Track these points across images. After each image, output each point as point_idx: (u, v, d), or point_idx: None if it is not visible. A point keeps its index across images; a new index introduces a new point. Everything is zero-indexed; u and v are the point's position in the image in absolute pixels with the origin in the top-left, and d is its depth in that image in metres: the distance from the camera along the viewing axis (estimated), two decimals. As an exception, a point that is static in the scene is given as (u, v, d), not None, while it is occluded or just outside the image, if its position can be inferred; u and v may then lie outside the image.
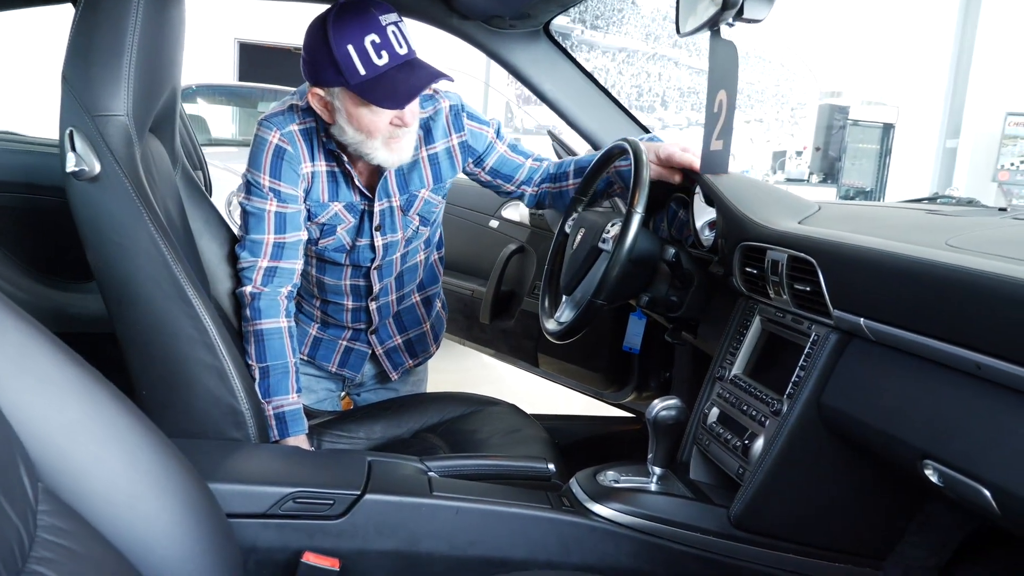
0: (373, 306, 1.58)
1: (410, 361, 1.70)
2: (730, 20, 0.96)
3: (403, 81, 1.25)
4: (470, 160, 1.54)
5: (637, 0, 8.79)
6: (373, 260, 1.51)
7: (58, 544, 0.66)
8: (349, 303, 1.58)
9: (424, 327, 1.71)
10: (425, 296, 1.70)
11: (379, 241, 1.49)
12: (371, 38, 1.23)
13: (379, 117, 1.30)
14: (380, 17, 1.25)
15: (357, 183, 1.43)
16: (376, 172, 1.45)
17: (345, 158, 1.40)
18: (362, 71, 1.24)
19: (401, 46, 1.26)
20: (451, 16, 1.62)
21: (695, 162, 1.36)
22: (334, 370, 1.65)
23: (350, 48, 1.23)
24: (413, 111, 1.34)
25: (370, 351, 1.65)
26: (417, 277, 1.64)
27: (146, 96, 1.17)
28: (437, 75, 1.27)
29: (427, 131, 1.47)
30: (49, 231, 1.80)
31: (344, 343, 1.65)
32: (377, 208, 1.46)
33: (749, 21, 0.97)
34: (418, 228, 1.54)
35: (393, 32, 1.25)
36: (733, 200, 1.30)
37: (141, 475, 0.78)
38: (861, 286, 0.99)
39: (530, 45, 1.67)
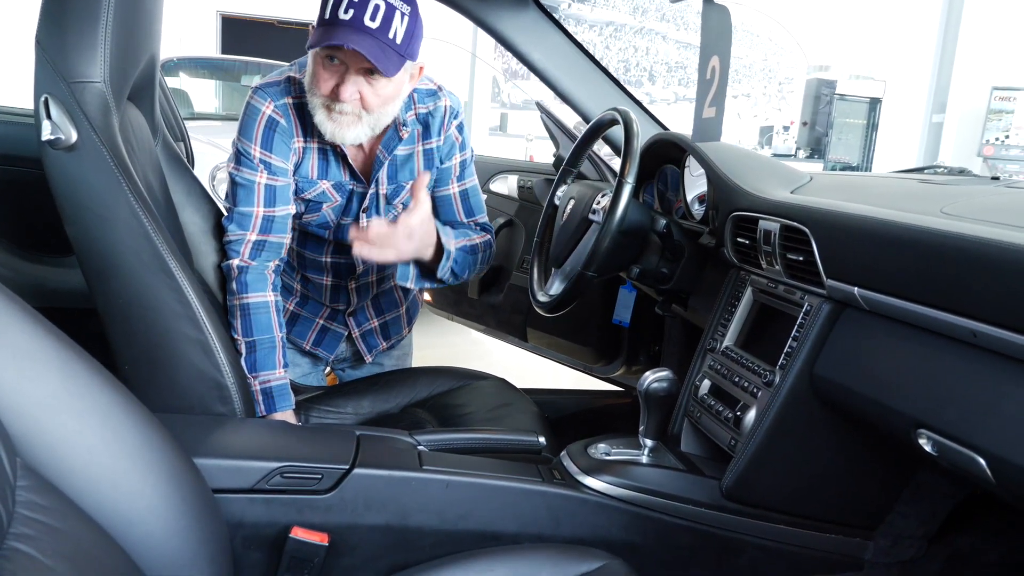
0: (352, 286, 1.56)
1: (383, 343, 1.68)
2: (724, -17, 0.94)
3: (343, 35, 1.21)
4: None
5: (625, -28, 8.70)
6: None
7: (37, 520, 0.64)
8: (328, 280, 1.56)
9: (400, 310, 1.69)
10: None
11: (364, 223, 1.45)
12: None
13: (324, 74, 1.27)
14: None
15: (351, 163, 1.41)
16: (370, 156, 1.42)
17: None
18: (326, 15, 1.23)
19: (373, 20, 1.22)
20: (437, -17, 1.58)
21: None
22: (307, 348, 1.63)
23: None
24: (366, 99, 1.28)
25: (346, 332, 1.63)
26: None
27: (124, 62, 1.13)
28: (381, 61, 1.22)
29: (425, 126, 1.45)
30: (26, 204, 1.76)
31: (321, 321, 1.63)
32: (368, 192, 1.44)
33: (744, -17, 0.95)
34: (399, 215, 1.51)
35: (376, 5, 1.22)
36: (724, 170, 1.28)
37: (123, 450, 0.77)
38: (855, 255, 0.98)
39: (519, 14, 1.64)
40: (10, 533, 0.61)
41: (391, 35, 1.24)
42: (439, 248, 1.42)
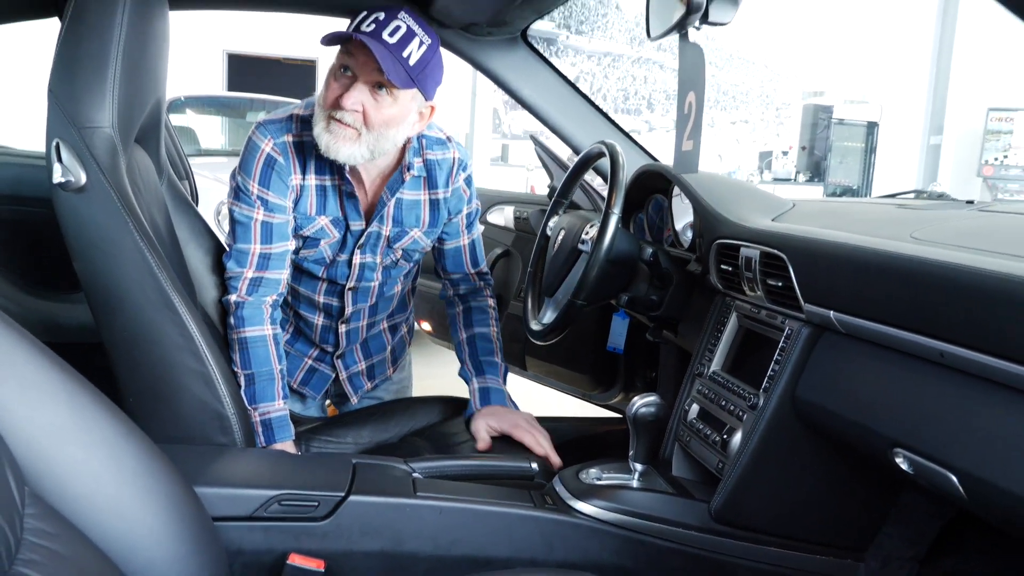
0: (343, 329, 1.58)
1: (368, 384, 1.70)
2: (696, 24, 0.99)
3: (358, 41, 1.24)
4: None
5: (621, 5, 8.84)
6: (348, 278, 1.50)
7: (44, 547, 0.67)
8: (320, 320, 1.58)
9: (385, 353, 1.72)
10: (393, 323, 1.71)
11: (356, 259, 1.47)
12: (377, 15, 1.26)
13: (334, 85, 1.30)
14: (403, 14, 1.27)
15: (356, 199, 1.42)
16: (375, 198, 1.44)
17: (348, 175, 1.39)
18: (351, 29, 1.27)
19: (392, 36, 1.26)
20: (430, 24, 1.64)
21: (534, 447, 1.41)
22: (295, 386, 1.66)
23: (362, 13, 1.28)
24: (367, 110, 1.29)
25: (333, 375, 1.66)
26: (390, 307, 1.65)
27: (131, 107, 1.19)
28: (391, 72, 1.23)
29: (431, 175, 1.46)
30: (37, 242, 1.81)
31: (310, 361, 1.65)
32: (366, 230, 1.45)
33: (715, 24, 0.99)
34: (398, 260, 1.53)
35: (397, 26, 1.26)
36: (708, 199, 1.32)
37: (126, 478, 0.80)
38: (829, 280, 1.01)
39: (508, 52, 1.69)
40: (18, 559, 0.64)
41: (405, 54, 1.26)
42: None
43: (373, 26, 1.26)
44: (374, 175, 1.43)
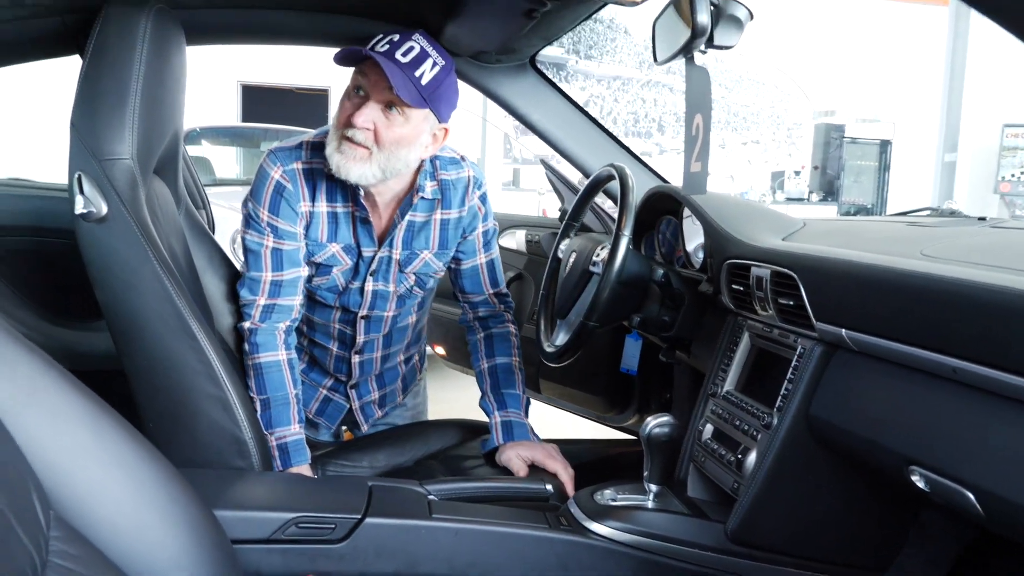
0: (356, 359, 1.59)
1: (379, 412, 1.71)
2: (702, 47, 1.01)
3: (371, 60, 1.26)
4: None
5: (629, 29, 8.92)
6: (360, 306, 1.51)
7: (68, 568, 0.69)
8: (334, 349, 1.59)
9: (397, 383, 1.73)
10: (408, 355, 1.72)
11: (369, 286, 1.48)
12: (392, 37, 1.28)
13: (347, 104, 1.32)
14: (417, 36, 1.29)
15: (371, 224, 1.43)
16: (388, 222, 1.45)
17: (363, 200, 1.39)
18: (366, 50, 1.28)
19: (405, 56, 1.27)
20: (441, 52, 1.67)
21: (559, 471, 1.43)
22: (311, 416, 1.67)
23: (379, 36, 1.30)
24: (379, 128, 1.29)
25: (348, 406, 1.67)
26: (405, 338, 1.65)
27: (150, 140, 1.22)
28: (403, 89, 1.25)
29: (444, 195, 1.46)
30: (58, 273, 1.85)
31: (324, 391, 1.67)
32: (377, 255, 1.46)
33: (720, 47, 1.01)
34: (412, 288, 1.53)
35: (411, 47, 1.28)
36: (718, 219, 1.33)
37: (147, 502, 0.81)
38: (841, 298, 1.02)
39: (517, 78, 1.72)
40: (43, 580, 0.65)
41: (418, 74, 1.28)
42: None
43: (387, 46, 1.28)
44: (388, 198, 1.43)
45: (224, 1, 1.49)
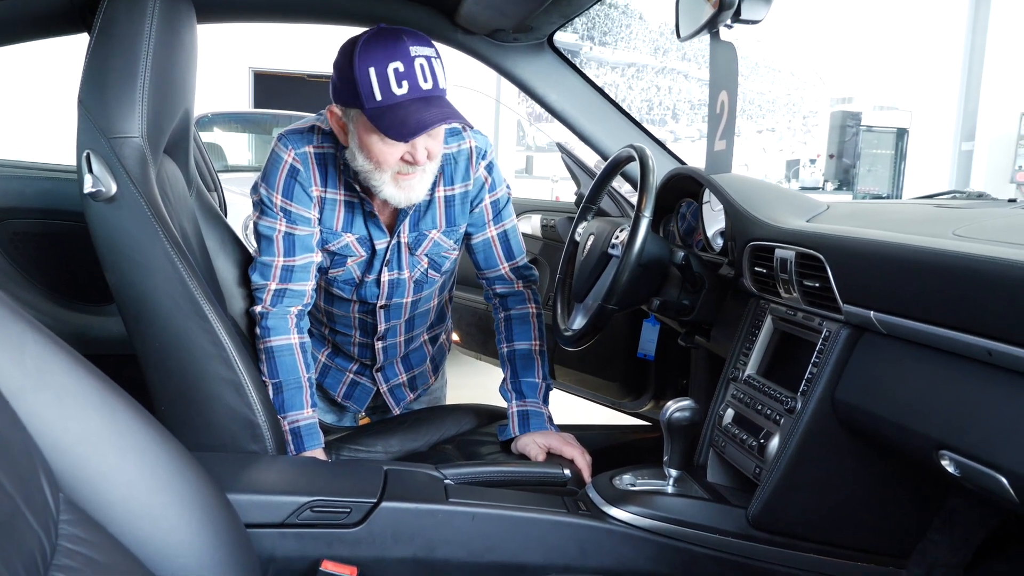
0: (379, 345, 1.57)
1: (411, 395, 1.70)
2: (728, 22, 0.98)
3: (415, 113, 1.20)
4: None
5: (644, 15, 8.85)
6: (378, 296, 1.49)
7: (79, 553, 0.67)
8: (357, 337, 1.58)
9: (426, 364, 1.71)
10: (433, 335, 1.70)
11: (385, 276, 1.46)
12: (395, 66, 1.20)
13: (390, 149, 1.25)
14: (411, 47, 1.22)
15: (377, 216, 1.41)
16: (394, 209, 1.40)
17: (361, 192, 1.37)
18: (378, 96, 1.21)
19: (426, 80, 1.22)
20: (455, 31, 1.65)
21: (576, 457, 1.42)
22: (339, 400, 1.66)
23: (372, 71, 1.20)
24: (431, 150, 1.28)
25: (375, 388, 1.66)
26: (428, 320, 1.63)
27: (160, 118, 1.20)
28: (454, 116, 1.22)
29: (444, 169, 1.42)
30: (68, 255, 1.84)
31: (351, 375, 1.66)
32: (389, 245, 1.44)
33: (747, 22, 0.98)
34: (427, 271, 1.50)
35: (421, 65, 1.21)
36: (740, 201, 1.30)
37: (160, 485, 0.80)
38: (869, 279, 0.99)
39: (535, 58, 1.69)
40: (53, 565, 0.64)
41: (442, 85, 1.25)
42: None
43: (405, 83, 1.21)
44: None
45: (235, -22, 1.47)
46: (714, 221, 1.51)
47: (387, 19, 1.45)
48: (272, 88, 8.33)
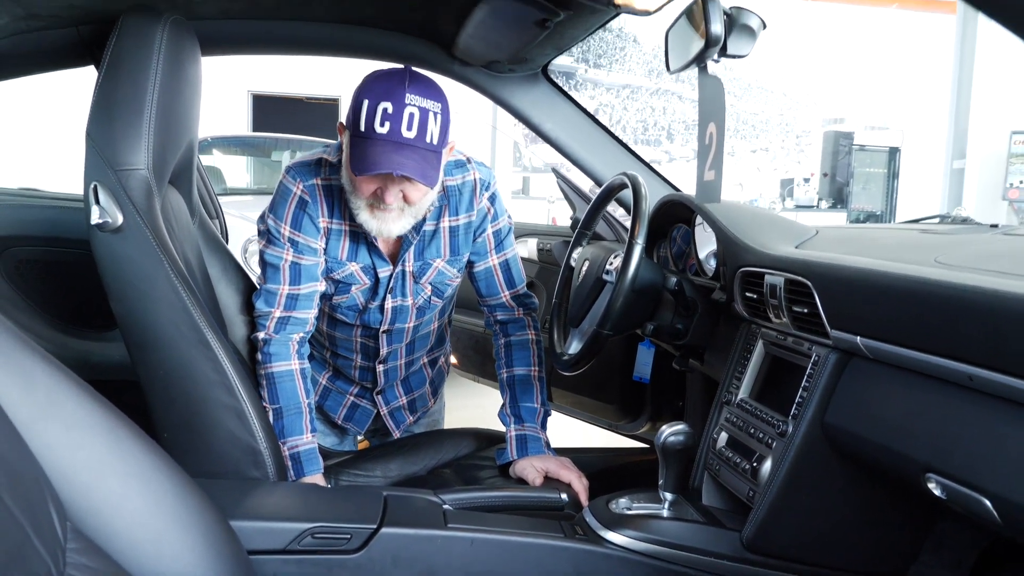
0: (380, 368, 1.59)
1: (411, 418, 1.72)
2: (715, 56, 1.01)
3: (381, 154, 1.22)
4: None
5: (638, 38, 8.95)
6: (382, 322, 1.52)
7: (86, 580, 0.69)
8: (358, 360, 1.60)
9: (426, 387, 1.73)
10: (432, 358, 1.72)
11: (389, 303, 1.49)
12: (385, 105, 1.23)
13: (361, 179, 1.29)
14: (409, 95, 1.24)
15: (378, 247, 1.43)
16: (399, 239, 1.44)
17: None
18: (362, 127, 1.25)
19: (410, 129, 1.23)
20: (452, 62, 1.68)
21: (574, 481, 1.44)
22: (340, 422, 1.68)
23: (365, 103, 1.24)
24: (409, 196, 1.30)
25: (375, 411, 1.67)
26: (428, 344, 1.65)
27: (165, 150, 1.23)
28: (414, 171, 1.24)
29: (450, 201, 1.45)
30: (71, 282, 1.86)
31: (351, 398, 1.67)
32: (393, 273, 1.46)
33: (733, 56, 1.01)
34: (430, 298, 1.53)
35: (411, 114, 1.23)
36: (731, 227, 1.33)
37: (164, 513, 0.81)
38: (855, 305, 1.01)
39: (530, 87, 1.73)
40: (61, 592, 0.66)
41: (428, 139, 1.25)
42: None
43: (388, 124, 1.23)
44: None
45: (239, 12, 1.50)
46: (707, 243, 1.54)
47: (387, 52, 1.49)
48: (271, 111, 8.40)
